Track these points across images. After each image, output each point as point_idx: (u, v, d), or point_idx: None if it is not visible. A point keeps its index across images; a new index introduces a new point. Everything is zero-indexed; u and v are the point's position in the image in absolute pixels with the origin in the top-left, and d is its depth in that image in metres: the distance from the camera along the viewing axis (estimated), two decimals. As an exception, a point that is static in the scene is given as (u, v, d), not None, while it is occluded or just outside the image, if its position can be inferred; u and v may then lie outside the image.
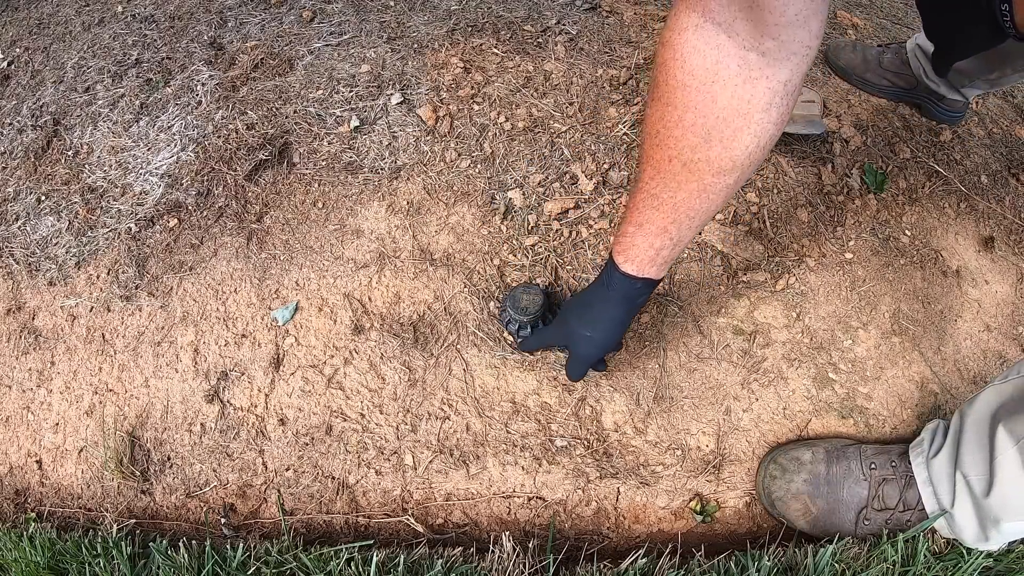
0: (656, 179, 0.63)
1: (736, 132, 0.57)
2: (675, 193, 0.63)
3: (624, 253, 0.70)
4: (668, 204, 0.64)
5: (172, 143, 1.17)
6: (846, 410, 0.95)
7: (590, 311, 0.77)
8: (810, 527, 0.86)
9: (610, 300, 0.74)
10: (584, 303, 0.78)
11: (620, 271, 0.71)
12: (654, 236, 0.67)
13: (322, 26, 1.34)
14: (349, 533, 0.89)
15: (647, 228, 0.67)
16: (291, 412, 0.93)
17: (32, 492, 0.96)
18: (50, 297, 1.06)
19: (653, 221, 0.66)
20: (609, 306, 0.75)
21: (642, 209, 0.66)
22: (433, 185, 1.10)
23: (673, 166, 0.61)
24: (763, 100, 0.55)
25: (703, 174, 0.61)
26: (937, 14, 0.83)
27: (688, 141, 0.59)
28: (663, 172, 0.62)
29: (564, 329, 0.81)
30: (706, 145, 0.58)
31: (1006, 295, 1.09)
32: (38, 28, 1.48)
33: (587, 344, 0.79)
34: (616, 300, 0.74)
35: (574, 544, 0.87)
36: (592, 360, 0.82)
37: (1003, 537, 0.78)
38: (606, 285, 0.74)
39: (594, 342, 0.78)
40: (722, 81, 0.55)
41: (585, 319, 0.77)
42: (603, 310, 0.75)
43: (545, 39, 1.29)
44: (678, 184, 0.62)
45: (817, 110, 1.15)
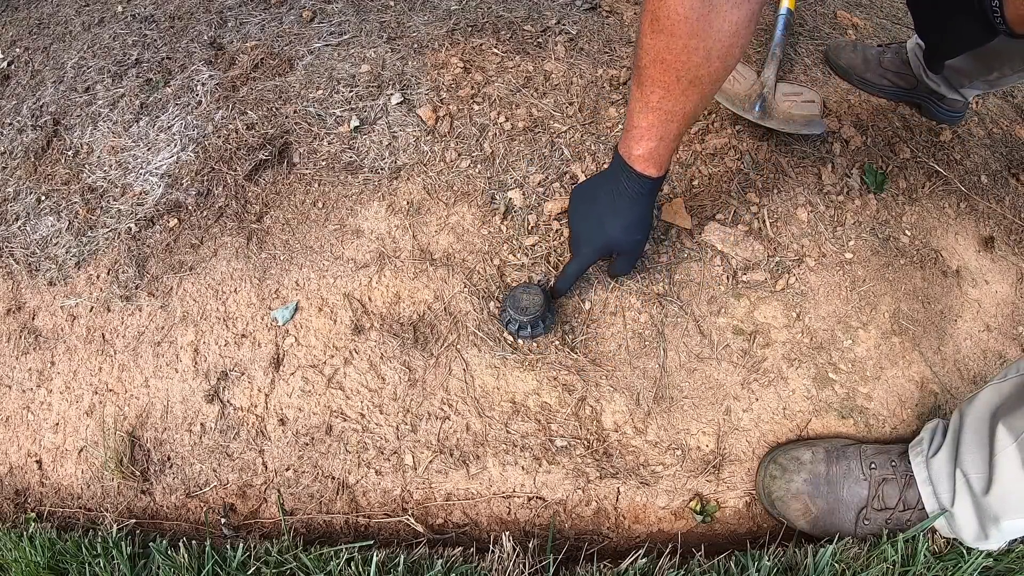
0: (668, 98, 0.74)
1: (730, 48, 0.69)
2: (684, 106, 0.74)
3: (655, 164, 0.81)
4: (680, 115, 0.75)
5: (172, 143, 1.17)
6: (846, 410, 0.95)
7: (632, 218, 0.86)
8: (810, 527, 0.86)
9: (650, 202, 0.86)
10: (623, 214, 0.86)
11: (653, 178, 0.82)
12: (672, 142, 0.79)
13: (322, 26, 1.34)
14: (349, 533, 0.89)
15: (667, 139, 0.78)
16: (291, 412, 0.93)
17: (32, 492, 0.96)
18: (50, 297, 1.06)
19: (671, 132, 0.77)
20: (649, 207, 0.87)
21: (659, 125, 0.77)
22: (433, 185, 1.10)
23: (681, 84, 0.72)
24: (746, 18, 0.67)
25: (705, 85, 0.72)
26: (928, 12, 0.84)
27: (694, 62, 0.69)
28: (673, 91, 0.73)
29: (607, 243, 0.89)
30: (707, 63, 0.69)
31: (1006, 295, 1.09)
32: (38, 28, 1.48)
33: (642, 244, 0.92)
34: (652, 200, 0.87)
35: (574, 544, 0.87)
36: (639, 257, 0.96)
37: (1003, 535, 0.78)
38: (641, 193, 0.84)
39: (646, 239, 0.92)
40: (716, 10, 0.65)
41: (632, 226, 0.87)
42: (646, 212, 0.87)
43: (545, 39, 1.29)
44: (687, 98, 0.73)
45: (817, 110, 1.15)
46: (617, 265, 0.94)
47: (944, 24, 0.80)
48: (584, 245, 0.90)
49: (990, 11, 0.69)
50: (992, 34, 0.72)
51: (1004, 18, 0.68)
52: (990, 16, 0.69)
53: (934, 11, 0.81)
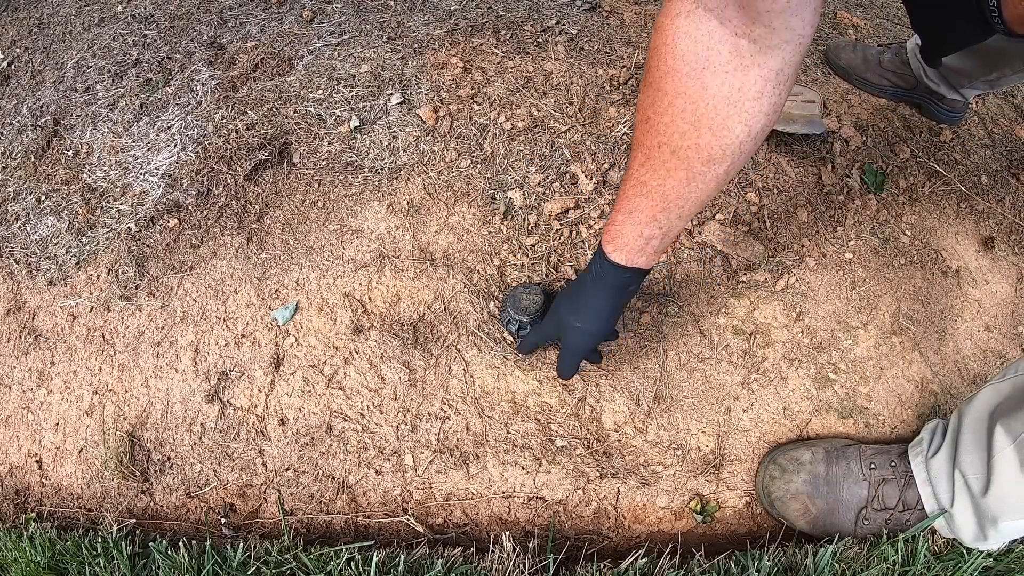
0: (646, 166, 0.62)
1: (726, 120, 0.56)
2: (664, 181, 0.62)
3: (613, 242, 0.69)
4: (657, 192, 0.63)
5: (172, 143, 1.17)
6: (846, 410, 0.95)
7: (580, 301, 0.76)
8: (810, 527, 0.86)
9: (600, 289, 0.73)
10: (574, 294, 0.77)
11: (609, 260, 0.70)
12: (643, 225, 0.66)
13: (322, 26, 1.34)
14: (349, 533, 0.89)
15: (636, 216, 0.66)
16: (291, 412, 0.93)
17: (32, 492, 0.96)
18: (50, 297, 1.06)
19: (642, 209, 0.65)
20: (599, 295, 0.74)
21: (631, 197, 0.65)
22: (433, 185, 1.10)
23: (663, 153, 0.60)
24: (754, 89, 0.55)
25: (692, 162, 0.60)
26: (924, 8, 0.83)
27: (677, 127, 0.58)
28: (652, 159, 0.61)
29: (555, 320, 0.80)
30: (695, 132, 0.57)
31: (1006, 295, 1.09)
32: (38, 28, 1.48)
33: (578, 335, 0.78)
34: (606, 289, 0.73)
35: (574, 544, 0.87)
36: (584, 351, 0.80)
37: (1001, 536, 0.78)
38: (595, 275, 0.73)
39: (585, 332, 0.77)
40: (712, 68, 0.54)
41: (575, 310, 0.76)
42: (593, 300, 0.74)
43: (545, 39, 1.29)
44: (667, 171, 0.61)
45: (817, 110, 1.15)
46: (558, 359, 0.83)
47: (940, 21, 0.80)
48: (549, 317, 0.83)
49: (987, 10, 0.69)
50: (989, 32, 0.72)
51: (1001, 16, 0.68)
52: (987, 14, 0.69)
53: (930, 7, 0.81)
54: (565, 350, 0.81)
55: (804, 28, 0.51)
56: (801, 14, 0.50)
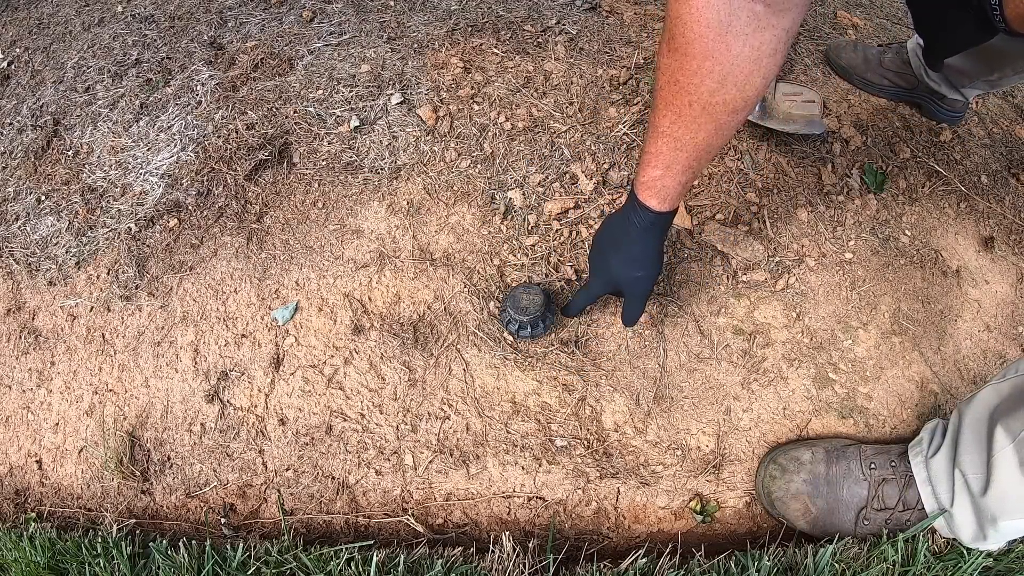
0: (678, 123, 0.69)
1: (749, 76, 0.64)
2: (696, 134, 0.69)
3: (657, 195, 0.76)
4: (690, 145, 0.70)
5: (172, 143, 1.17)
6: (846, 410, 0.95)
7: (633, 252, 0.82)
8: (810, 527, 0.86)
9: (652, 237, 0.81)
10: (624, 247, 0.82)
11: (654, 211, 0.77)
12: (680, 175, 0.74)
13: (322, 26, 1.34)
14: (349, 533, 0.89)
15: (674, 169, 0.73)
16: (291, 412, 0.93)
17: (32, 492, 0.96)
18: (50, 297, 1.06)
19: (679, 161, 0.72)
20: (652, 242, 0.81)
21: (666, 152, 0.72)
22: (433, 185, 1.10)
23: (693, 110, 0.67)
24: (770, 46, 0.62)
25: (720, 115, 0.67)
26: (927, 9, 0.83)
27: (707, 86, 0.65)
28: (684, 116, 0.68)
29: (607, 278, 0.86)
30: (722, 89, 0.65)
31: (1006, 295, 1.09)
32: (38, 28, 1.48)
33: (643, 283, 0.85)
34: (656, 235, 0.81)
35: (574, 544, 0.87)
36: (648, 295, 0.88)
37: (1001, 536, 0.78)
38: (642, 227, 0.79)
39: (648, 278, 0.85)
40: (735, 32, 0.61)
41: (632, 261, 0.82)
42: (649, 248, 0.81)
43: (545, 39, 1.29)
44: (698, 126, 0.68)
45: (817, 110, 1.15)
46: (624, 309, 0.90)
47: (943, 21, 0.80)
48: (592, 277, 0.89)
49: (989, 9, 0.69)
50: (991, 32, 0.72)
51: (1003, 16, 0.68)
52: (989, 14, 0.69)
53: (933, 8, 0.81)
54: (633, 299, 0.87)
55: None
56: None
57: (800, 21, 0.63)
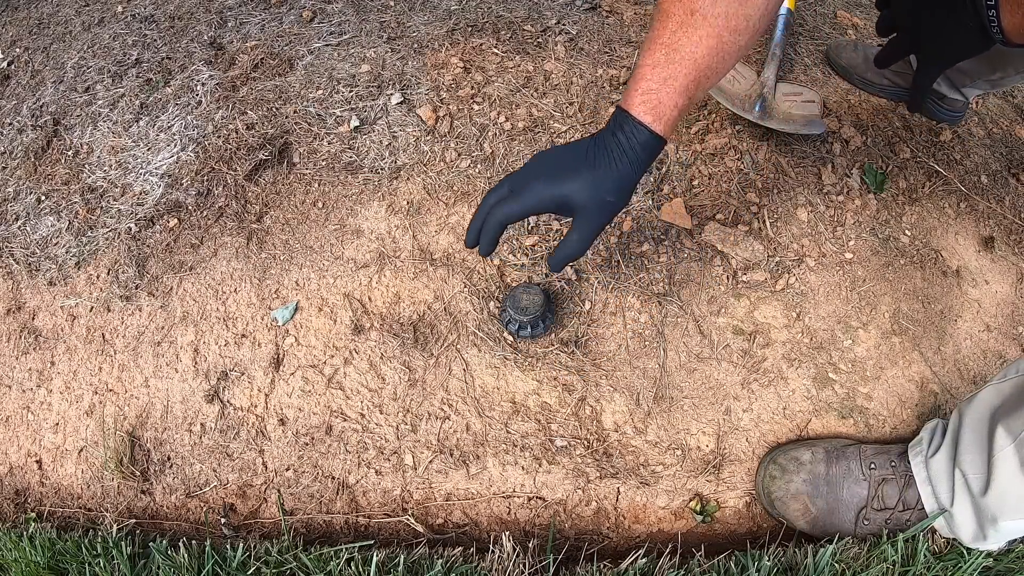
0: (678, 33, 0.65)
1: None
2: (696, 47, 0.65)
3: (653, 110, 0.67)
4: (690, 59, 0.65)
5: (172, 143, 1.17)
6: (846, 410, 0.95)
7: (612, 173, 0.68)
8: (810, 527, 0.86)
9: (638, 161, 0.69)
10: (603, 165, 0.69)
11: (649, 129, 0.67)
12: (678, 94, 0.66)
13: (322, 26, 1.34)
14: (349, 533, 0.89)
15: (672, 84, 0.66)
16: (291, 412, 0.93)
17: (32, 492, 0.96)
18: (50, 297, 1.06)
19: (677, 77, 0.66)
20: (636, 167, 0.69)
21: (664, 64, 0.66)
22: (433, 185, 1.10)
23: (695, 19, 0.64)
24: None
25: (721, 30, 0.64)
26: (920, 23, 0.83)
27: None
28: (685, 25, 0.65)
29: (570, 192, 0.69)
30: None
31: (1006, 295, 1.09)
32: (38, 28, 1.48)
33: (609, 211, 0.70)
34: (643, 160, 0.69)
35: (574, 544, 0.87)
36: (600, 231, 0.72)
37: (1001, 536, 0.78)
38: (631, 146, 0.68)
39: (616, 208, 0.71)
40: None
41: (602, 182, 0.69)
42: (629, 171, 0.69)
43: (545, 39, 1.29)
44: (699, 39, 0.65)
45: (817, 110, 1.15)
46: (568, 237, 0.72)
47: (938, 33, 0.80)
48: (531, 187, 0.70)
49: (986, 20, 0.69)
50: (988, 43, 0.72)
51: (1000, 27, 0.68)
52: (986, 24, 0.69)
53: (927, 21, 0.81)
54: (588, 228, 0.71)
55: None
56: None
57: None
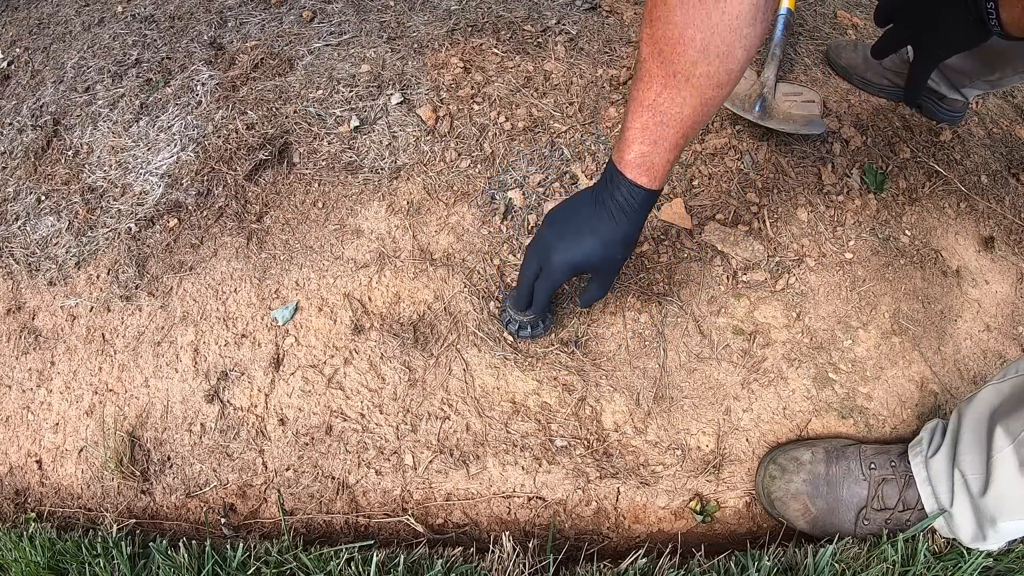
0: (663, 95, 0.68)
1: (730, 46, 0.63)
2: (682, 109, 0.68)
3: (647, 173, 0.73)
4: (676, 120, 0.69)
5: (172, 143, 1.17)
6: (846, 410, 0.95)
7: (617, 234, 0.78)
8: (810, 527, 0.86)
9: (639, 217, 0.78)
10: (607, 229, 0.78)
11: (646, 189, 0.74)
12: (668, 152, 0.72)
13: (322, 26, 1.34)
14: (349, 533, 0.89)
15: (662, 145, 0.71)
16: (291, 412, 0.93)
17: (32, 492, 0.96)
18: (50, 297, 1.06)
19: (667, 138, 0.70)
20: (638, 223, 0.78)
21: (653, 128, 0.70)
22: (433, 185, 1.10)
23: (678, 81, 0.66)
24: (749, 15, 0.62)
25: (704, 88, 0.66)
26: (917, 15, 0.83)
27: (689, 56, 0.64)
28: (669, 87, 0.67)
29: (583, 261, 0.80)
30: (705, 60, 0.64)
31: (1006, 295, 1.09)
32: (38, 28, 1.48)
33: (620, 264, 0.82)
34: (643, 215, 0.78)
35: (574, 544, 0.87)
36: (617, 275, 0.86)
37: (1000, 536, 0.78)
38: (631, 206, 0.76)
39: (625, 259, 0.82)
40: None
41: (614, 243, 0.79)
42: (633, 228, 0.78)
43: (545, 39, 1.29)
44: (683, 100, 0.67)
45: (817, 110, 1.15)
46: (590, 288, 0.85)
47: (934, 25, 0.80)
48: (555, 262, 0.81)
49: (985, 13, 0.69)
50: (986, 35, 0.72)
51: (999, 20, 0.68)
52: (984, 17, 0.69)
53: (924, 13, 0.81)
54: (605, 280, 0.84)
55: None
56: None
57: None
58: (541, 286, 0.84)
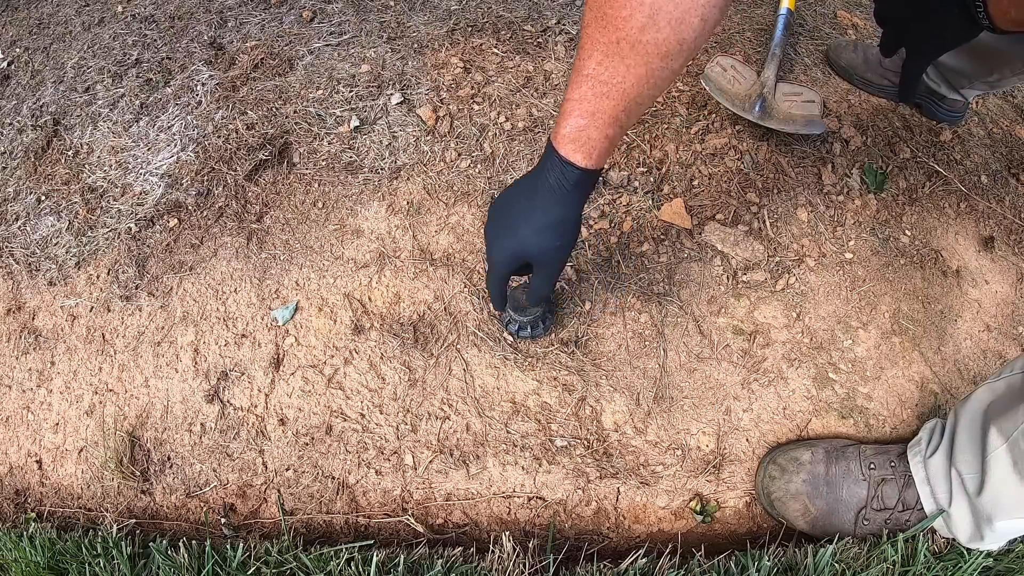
0: (604, 63, 0.61)
1: (684, 15, 0.57)
2: (624, 79, 0.61)
3: (583, 149, 0.66)
4: (618, 91, 0.62)
5: (172, 143, 1.17)
6: (846, 410, 0.95)
7: (551, 218, 0.69)
8: (809, 527, 0.86)
9: (575, 199, 0.69)
10: (540, 213, 0.70)
11: (579, 167, 0.66)
12: (607, 127, 0.64)
13: (322, 26, 1.34)
14: (349, 533, 0.89)
15: (599, 118, 0.64)
16: (291, 412, 0.93)
17: (32, 492, 0.96)
18: (50, 297, 1.06)
19: (605, 111, 0.63)
20: (574, 206, 0.70)
21: (591, 99, 0.63)
22: (433, 185, 1.10)
23: (621, 48, 0.59)
24: None
25: (651, 57, 0.59)
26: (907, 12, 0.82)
27: (636, 20, 0.57)
28: (611, 55, 0.60)
29: (521, 250, 0.73)
30: (654, 26, 0.57)
31: (1006, 295, 1.09)
32: (38, 28, 1.48)
33: (561, 253, 0.73)
34: (580, 197, 0.69)
35: (574, 544, 0.87)
36: (563, 268, 0.77)
37: (997, 536, 0.78)
38: (565, 187, 0.68)
39: (568, 247, 0.73)
40: None
41: (548, 228, 0.70)
42: (569, 212, 0.70)
43: (545, 39, 1.29)
44: (627, 68, 0.60)
45: (817, 110, 1.15)
46: (533, 282, 0.78)
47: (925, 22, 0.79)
48: (496, 253, 0.74)
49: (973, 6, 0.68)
50: (975, 30, 0.72)
51: (987, 13, 0.68)
52: (973, 12, 0.69)
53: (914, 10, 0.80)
54: (546, 273, 0.76)
55: None
56: None
57: None
58: (489, 279, 0.78)
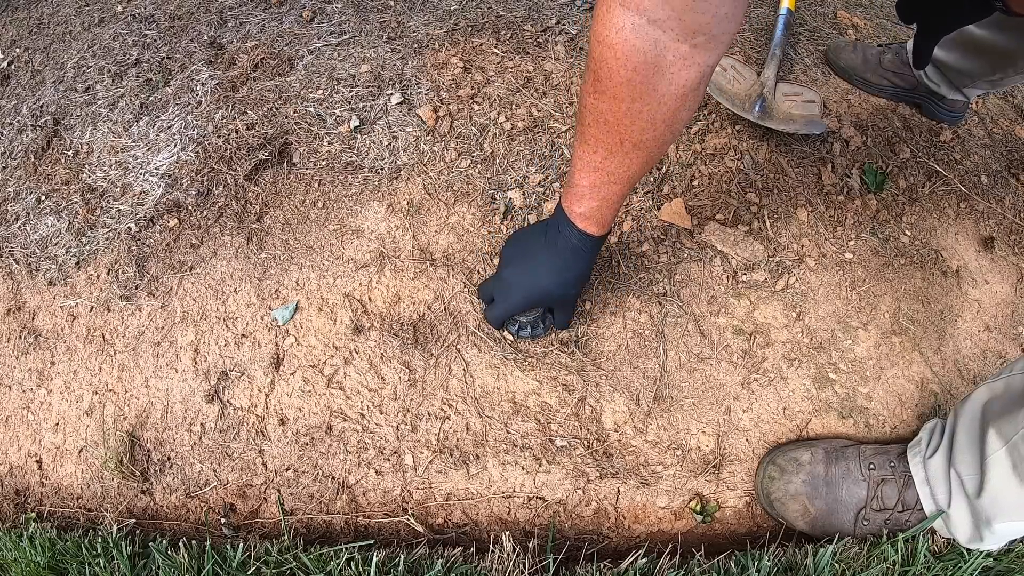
0: (610, 159, 0.71)
1: (676, 112, 0.66)
2: (628, 168, 0.72)
3: (597, 224, 0.79)
4: (624, 177, 0.73)
5: (172, 143, 1.17)
6: (846, 410, 0.95)
7: (571, 273, 0.84)
8: (809, 528, 0.86)
9: (585, 258, 0.83)
10: (561, 269, 0.84)
11: (595, 237, 0.80)
12: (616, 203, 0.77)
13: (322, 26, 1.34)
14: (349, 533, 0.89)
15: (610, 200, 0.76)
16: (291, 412, 0.93)
17: (32, 492, 0.96)
18: (50, 297, 1.06)
19: (615, 193, 0.75)
20: (584, 263, 0.84)
21: (602, 186, 0.75)
22: (433, 185, 1.10)
23: (625, 147, 0.69)
24: (694, 81, 0.63)
25: (651, 149, 0.70)
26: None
27: (637, 126, 0.66)
28: (616, 153, 0.70)
29: (541, 295, 0.87)
30: (652, 127, 0.67)
31: (1006, 295, 1.09)
32: (38, 28, 1.48)
33: (576, 298, 0.90)
34: (588, 256, 0.83)
35: (574, 544, 0.87)
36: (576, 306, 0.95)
37: (996, 538, 0.78)
38: (584, 250, 0.82)
39: (579, 294, 0.90)
40: (661, 72, 0.62)
41: (569, 281, 0.85)
42: (585, 267, 0.84)
43: (545, 39, 1.29)
44: (631, 161, 0.71)
45: (817, 110, 1.15)
46: (557, 318, 0.92)
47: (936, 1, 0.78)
48: (516, 294, 0.87)
49: None
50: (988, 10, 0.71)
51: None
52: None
53: None
54: (566, 311, 0.91)
55: (736, 28, 0.61)
56: (736, 19, 0.59)
57: (724, 54, 0.64)
58: (500, 312, 0.90)
